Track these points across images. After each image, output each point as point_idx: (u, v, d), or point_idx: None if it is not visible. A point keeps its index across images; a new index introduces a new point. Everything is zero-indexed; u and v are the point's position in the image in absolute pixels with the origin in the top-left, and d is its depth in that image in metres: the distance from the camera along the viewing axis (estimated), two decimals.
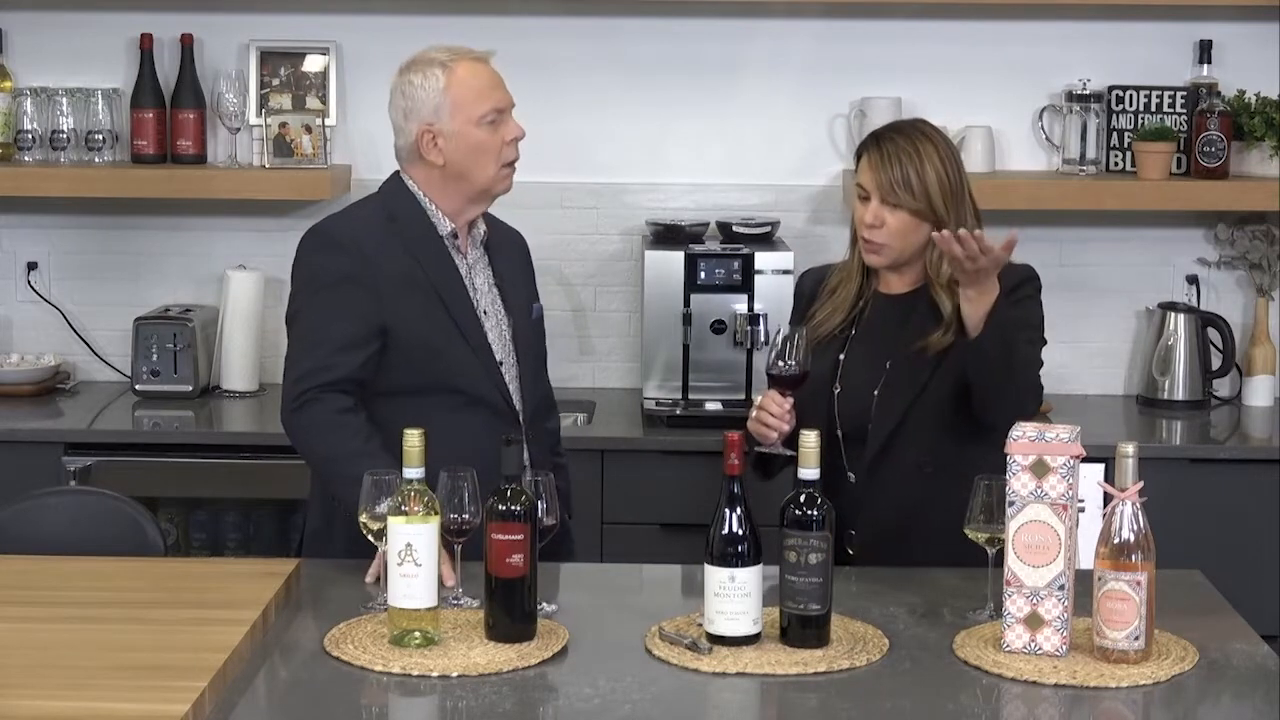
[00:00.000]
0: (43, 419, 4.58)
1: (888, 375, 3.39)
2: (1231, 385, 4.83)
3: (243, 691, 2.70)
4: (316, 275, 3.37)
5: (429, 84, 3.35)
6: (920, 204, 3.32)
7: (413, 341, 3.35)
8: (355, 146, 4.84)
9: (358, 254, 3.34)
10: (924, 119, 3.52)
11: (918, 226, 3.34)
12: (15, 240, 4.91)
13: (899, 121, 3.50)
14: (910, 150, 3.34)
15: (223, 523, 4.54)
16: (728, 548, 2.82)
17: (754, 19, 4.80)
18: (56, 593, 3.09)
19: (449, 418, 3.26)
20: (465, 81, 3.36)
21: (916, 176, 3.32)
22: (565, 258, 4.84)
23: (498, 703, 2.66)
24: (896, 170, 3.33)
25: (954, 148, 3.42)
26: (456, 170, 3.38)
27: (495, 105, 3.37)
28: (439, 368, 3.37)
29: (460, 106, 3.35)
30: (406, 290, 3.35)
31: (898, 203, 3.33)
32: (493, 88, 3.39)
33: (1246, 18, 4.74)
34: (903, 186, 3.32)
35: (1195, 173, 4.70)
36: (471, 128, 3.35)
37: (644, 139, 4.86)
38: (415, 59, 3.41)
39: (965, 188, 3.38)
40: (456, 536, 2.96)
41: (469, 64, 3.38)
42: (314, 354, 3.32)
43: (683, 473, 4.31)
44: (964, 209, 3.36)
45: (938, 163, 3.34)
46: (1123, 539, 2.78)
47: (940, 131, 3.43)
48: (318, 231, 3.44)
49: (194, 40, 4.77)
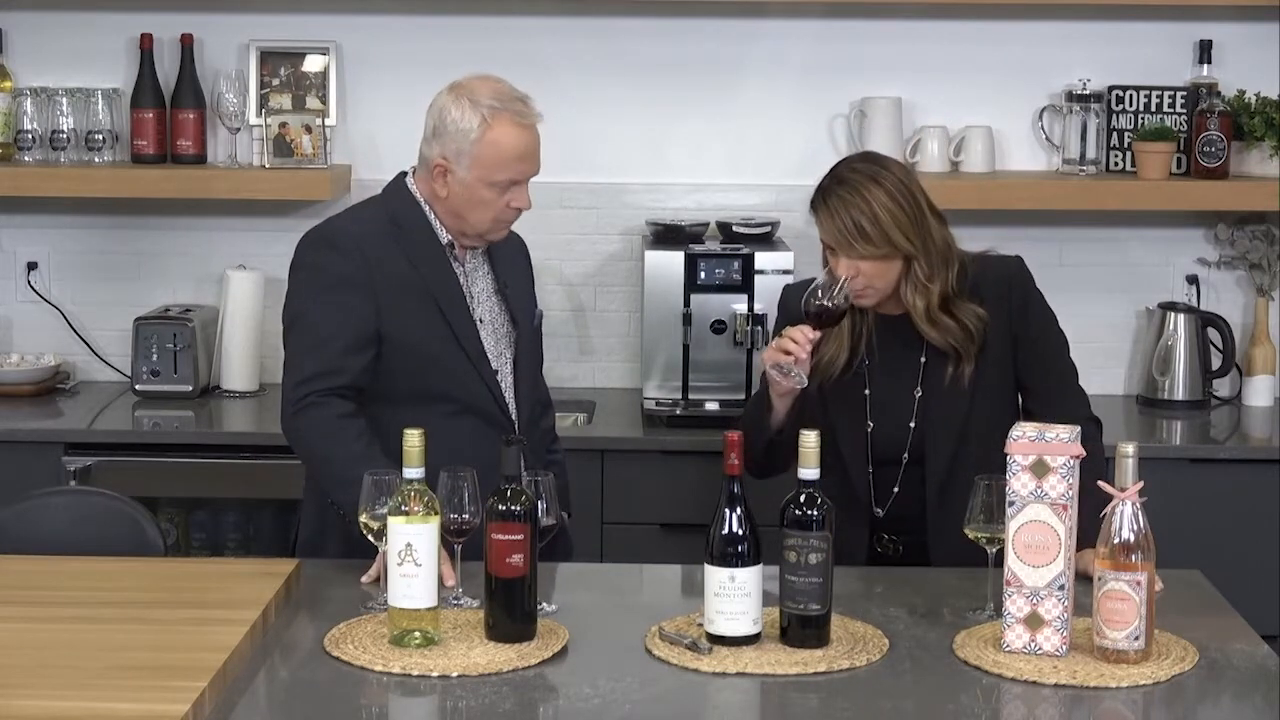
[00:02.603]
0: (43, 419, 4.58)
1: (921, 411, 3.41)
2: (1231, 385, 4.83)
3: (243, 691, 2.70)
4: (316, 277, 3.36)
5: (463, 126, 3.29)
6: (883, 248, 3.30)
7: (409, 348, 3.34)
8: (355, 146, 4.84)
9: (359, 257, 3.33)
10: (867, 154, 3.50)
11: (890, 265, 3.33)
12: (15, 240, 4.91)
13: (841, 167, 3.40)
14: (857, 200, 3.30)
15: (223, 523, 4.54)
16: (728, 548, 2.83)
17: (754, 19, 4.80)
18: (56, 593, 3.09)
19: (443, 424, 3.23)
20: (496, 144, 3.29)
21: (871, 224, 3.29)
22: (565, 258, 4.84)
23: (498, 703, 2.66)
24: (848, 221, 3.30)
25: (902, 176, 3.36)
26: (455, 208, 3.36)
27: (513, 177, 3.32)
28: (434, 375, 3.36)
29: (480, 164, 3.30)
30: (404, 296, 3.34)
31: (861, 255, 3.31)
32: (519, 159, 3.31)
33: (1246, 18, 4.74)
34: (859, 238, 3.30)
35: (1195, 173, 4.70)
36: (482, 186, 3.32)
37: (644, 139, 4.86)
38: (466, 89, 3.32)
39: (923, 210, 3.35)
40: (456, 536, 2.96)
41: (509, 127, 3.29)
42: (315, 357, 3.30)
43: (683, 473, 4.31)
44: (927, 232, 3.33)
45: (888, 202, 3.30)
46: (1123, 539, 2.78)
47: (884, 165, 3.38)
48: (318, 233, 3.43)
49: (194, 40, 4.76)
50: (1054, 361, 3.45)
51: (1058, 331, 3.48)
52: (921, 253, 3.33)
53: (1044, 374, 3.43)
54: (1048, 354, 3.44)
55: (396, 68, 4.81)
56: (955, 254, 3.39)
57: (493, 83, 3.35)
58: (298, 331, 3.37)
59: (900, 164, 3.45)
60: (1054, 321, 3.48)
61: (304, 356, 3.33)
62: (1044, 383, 3.43)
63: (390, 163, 3.43)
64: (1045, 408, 3.35)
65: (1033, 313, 3.43)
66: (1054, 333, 3.47)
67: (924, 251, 3.33)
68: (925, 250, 3.33)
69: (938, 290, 3.34)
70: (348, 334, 3.31)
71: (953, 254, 3.38)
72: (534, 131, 3.34)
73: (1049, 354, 3.45)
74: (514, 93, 3.34)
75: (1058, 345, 3.47)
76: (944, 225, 3.39)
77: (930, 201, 3.39)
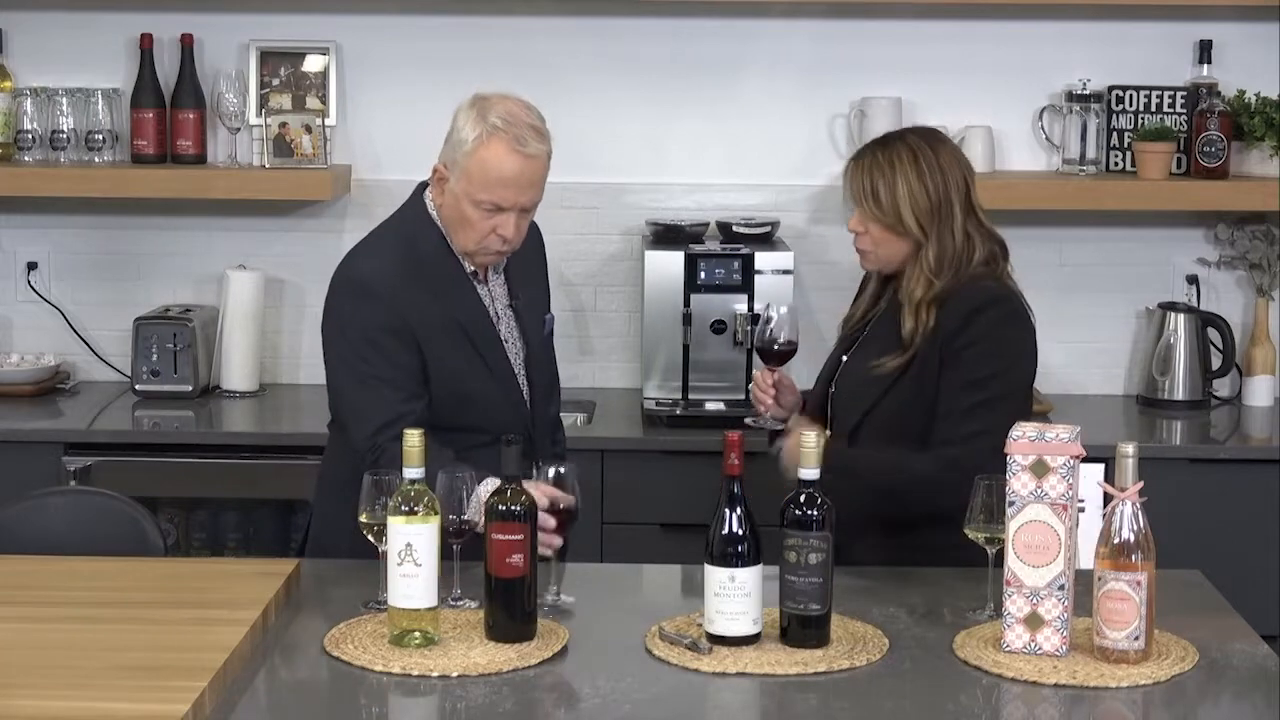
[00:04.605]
0: (43, 419, 4.58)
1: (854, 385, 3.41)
2: (1231, 385, 4.83)
3: (243, 691, 2.70)
4: (359, 327, 3.29)
5: (464, 135, 3.26)
6: (889, 219, 3.31)
7: (446, 387, 3.33)
8: (355, 146, 4.84)
9: (391, 303, 3.28)
10: (923, 128, 3.50)
11: (893, 240, 3.34)
12: (15, 240, 4.91)
13: (890, 132, 3.46)
14: (884, 165, 3.32)
15: (223, 523, 4.54)
16: (728, 548, 2.83)
17: (754, 19, 4.80)
18: (56, 593, 3.09)
19: (477, 454, 3.21)
20: (486, 162, 3.24)
21: (886, 191, 3.31)
22: (565, 258, 4.84)
23: (498, 703, 2.66)
24: (867, 182, 3.33)
25: (948, 163, 3.34)
26: (447, 220, 3.35)
27: (495, 200, 3.25)
28: (470, 411, 3.35)
29: (468, 177, 3.26)
30: (437, 334, 3.32)
31: (871, 215, 3.34)
32: (504, 184, 3.23)
33: (1246, 18, 4.74)
34: (870, 199, 3.33)
35: (1195, 173, 4.70)
36: (466, 201, 3.27)
37: (644, 139, 4.86)
38: (484, 102, 3.27)
39: (952, 206, 3.31)
40: (456, 537, 2.96)
41: (503, 148, 3.23)
42: (380, 404, 3.25)
43: (683, 473, 4.31)
44: (946, 227, 3.30)
45: (912, 180, 3.31)
46: (1123, 539, 2.78)
47: (930, 145, 3.35)
48: (351, 280, 3.35)
49: (194, 40, 4.76)
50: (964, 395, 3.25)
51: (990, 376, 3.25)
52: (933, 245, 3.31)
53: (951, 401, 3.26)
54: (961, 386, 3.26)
55: (396, 68, 4.81)
56: (971, 265, 3.32)
57: (511, 103, 3.28)
58: (354, 384, 3.31)
59: (956, 155, 3.38)
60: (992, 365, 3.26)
61: (370, 407, 3.27)
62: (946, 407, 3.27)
63: (390, 163, 3.42)
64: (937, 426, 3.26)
65: (971, 349, 3.26)
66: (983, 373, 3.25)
67: (936, 245, 3.31)
68: (939, 244, 3.31)
69: (939, 287, 3.31)
70: (402, 380, 3.28)
71: (968, 263, 3.32)
72: (531, 162, 3.25)
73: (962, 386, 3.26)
74: (527, 119, 3.26)
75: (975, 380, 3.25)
76: (980, 233, 3.33)
77: (974, 204, 3.34)
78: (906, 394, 3.33)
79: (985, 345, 3.28)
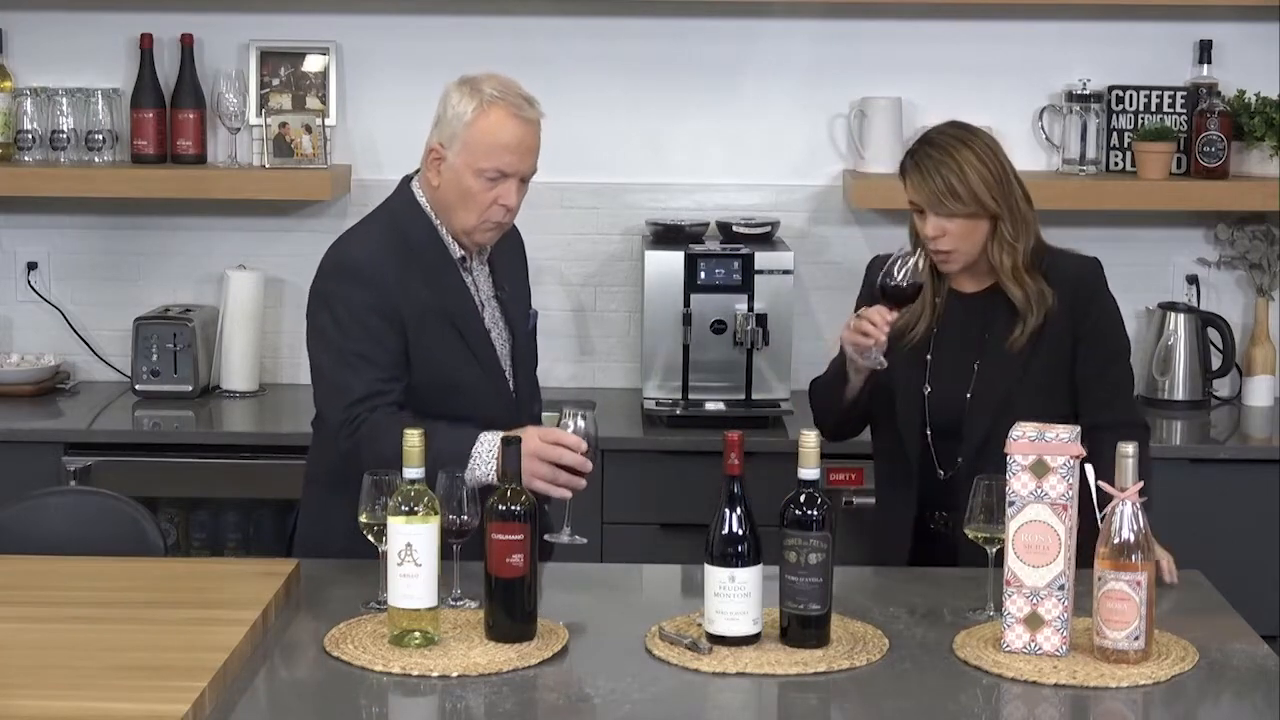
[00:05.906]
0: (43, 419, 4.58)
1: (977, 379, 3.46)
2: (1231, 385, 4.83)
3: (243, 691, 2.70)
4: (347, 307, 3.30)
5: (459, 110, 3.28)
6: (971, 206, 3.41)
7: (432, 375, 3.33)
8: (355, 146, 4.84)
9: (382, 287, 3.29)
10: (957, 122, 3.55)
11: (976, 226, 3.44)
12: (15, 240, 4.91)
13: (931, 132, 3.52)
14: (948, 160, 3.42)
15: (223, 523, 4.54)
16: (728, 548, 2.83)
17: (754, 19, 4.80)
18: (56, 593, 3.09)
19: None
20: (487, 129, 3.26)
21: (960, 182, 3.40)
22: (565, 258, 4.84)
23: (498, 703, 2.66)
24: (939, 182, 3.41)
25: (989, 141, 3.48)
26: (445, 201, 3.35)
27: (500, 166, 3.27)
28: (457, 400, 3.34)
29: (469, 149, 3.27)
30: (425, 321, 3.32)
31: (951, 212, 3.41)
32: (507, 149, 3.27)
33: (1246, 18, 4.74)
34: (950, 196, 3.41)
35: (1195, 173, 4.70)
36: (469, 173, 3.28)
37: (644, 139, 4.86)
38: (471, 78, 3.32)
39: (1009, 174, 3.46)
40: (456, 537, 2.96)
41: (503, 113, 3.27)
42: (362, 381, 3.26)
43: (683, 473, 4.31)
44: (1012, 195, 3.45)
45: (976, 163, 3.42)
46: (1123, 539, 2.78)
47: (973, 130, 3.50)
48: (340, 263, 3.36)
49: (194, 40, 4.76)
50: (1109, 367, 3.50)
51: (1119, 336, 3.54)
52: (1007, 213, 3.43)
53: (1099, 378, 3.48)
54: (1105, 359, 3.49)
55: (396, 68, 4.81)
56: (1036, 224, 3.49)
57: (501, 78, 3.34)
58: (331, 357, 3.31)
59: (986, 132, 3.53)
60: (1118, 326, 3.54)
61: (351, 380, 3.27)
62: (1097, 386, 3.47)
63: (390, 163, 3.42)
64: (1094, 411, 3.42)
65: (1097, 316, 3.49)
66: (1114, 338, 3.52)
67: (1009, 212, 3.44)
68: (1011, 211, 3.44)
69: (1023, 249, 3.44)
70: (384, 361, 3.28)
71: (1034, 222, 3.49)
72: (531, 127, 3.31)
73: (1106, 359, 3.49)
74: (520, 90, 3.33)
75: (1115, 352, 3.52)
76: (1027, 196, 3.49)
77: (1015, 170, 3.49)
78: (1044, 376, 3.44)
79: (1112, 315, 3.53)
